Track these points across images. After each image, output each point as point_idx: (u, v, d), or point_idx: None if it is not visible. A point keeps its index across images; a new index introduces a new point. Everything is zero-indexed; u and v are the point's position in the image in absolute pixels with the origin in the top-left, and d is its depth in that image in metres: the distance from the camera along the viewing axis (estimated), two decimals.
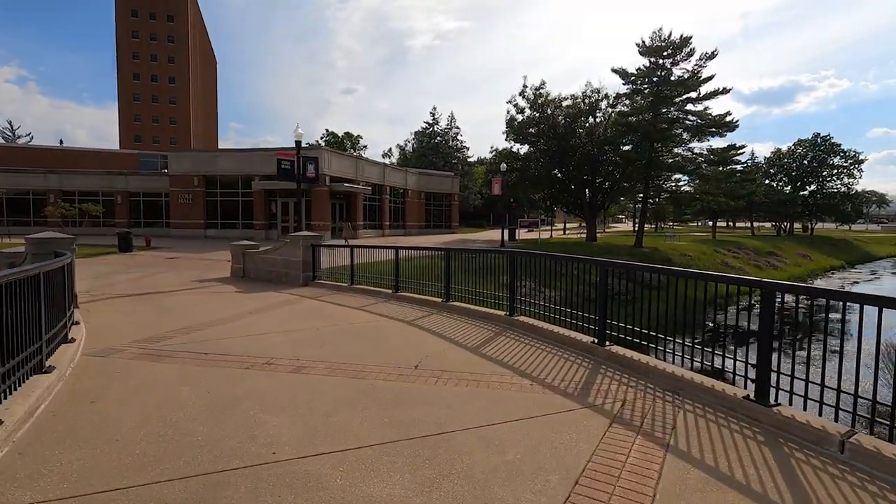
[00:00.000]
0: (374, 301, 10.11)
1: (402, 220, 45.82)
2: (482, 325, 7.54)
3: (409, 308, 9.16)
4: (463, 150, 72.54)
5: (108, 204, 38.45)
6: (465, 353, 5.96)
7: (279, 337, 6.82)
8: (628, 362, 5.31)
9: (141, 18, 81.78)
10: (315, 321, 7.97)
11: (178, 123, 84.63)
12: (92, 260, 20.43)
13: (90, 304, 9.91)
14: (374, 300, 10.23)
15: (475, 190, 70.54)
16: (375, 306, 9.47)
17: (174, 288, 12.56)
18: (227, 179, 35.27)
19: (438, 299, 9.30)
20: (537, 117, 36.84)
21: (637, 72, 33.36)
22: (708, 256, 35.59)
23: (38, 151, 49.53)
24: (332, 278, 12.84)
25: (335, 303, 10.01)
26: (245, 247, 15.37)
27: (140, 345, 6.30)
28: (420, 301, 9.63)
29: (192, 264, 18.97)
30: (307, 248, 13.30)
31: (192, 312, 8.89)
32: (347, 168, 36.18)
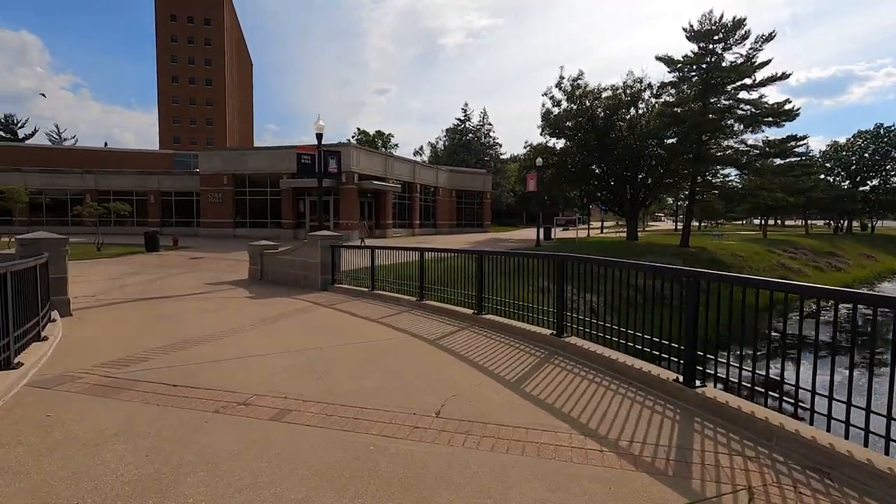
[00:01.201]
0: (396, 311, 8.80)
1: (433, 219, 44.59)
2: (523, 346, 6.09)
3: (435, 321, 7.80)
4: (495, 147, 70.74)
5: (141, 203, 38.79)
6: (504, 392, 4.54)
7: (274, 360, 5.57)
8: (736, 416, 3.75)
9: (179, 22, 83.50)
10: (322, 338, 6.70)
11: (214, 125, 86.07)
12: (117, 259, 20.00)
13: (87, 312, 9.02)
14: (395, 309, 8.92)
15: (508, 188, 68.72)
16: (396, 318, 8.15)
17: (184, 292, 11.64)
18: (256, 178, 34.87)
19: (469, 310, 7.89)
20: (575, 110, 34.89)
21: (684, 59, 30.98)
22: (762, 257, 32.83)
23: (80, 153, 50.80)
24: (353, 282, 11.63)
25: (351, 312, 8.75)
26: (263, 247, 14.38)
27: (104, 370, 5.16)
28: (447, 312, 8.25)
29: (214, 265, 18.23)
30: (326, 250, 12.14)
31: (188, 324, 7.79)
32: (377, 165, 35.18)
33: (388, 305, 9.42)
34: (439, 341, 6.45)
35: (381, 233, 35.54)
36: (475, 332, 6.90)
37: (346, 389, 4.59)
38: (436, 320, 7.85)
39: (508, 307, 7.27)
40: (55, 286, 8.50)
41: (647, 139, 33.29)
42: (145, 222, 37.77)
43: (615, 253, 25.39)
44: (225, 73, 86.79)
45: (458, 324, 7.52)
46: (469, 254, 8.37)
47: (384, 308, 9.12)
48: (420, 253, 9.37)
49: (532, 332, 6.43)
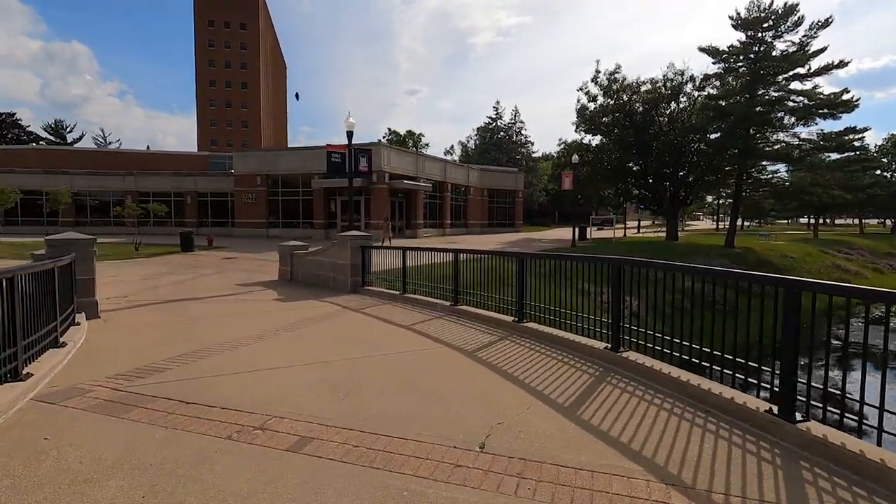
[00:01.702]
0: (429, 316, 8.23)
1: (464, 219, 43.98)
2: (572, 362, 5.40)
3: (472, 329, 7.19)
4: (527, 146, 69.61)
5: (178, 204, 39.68)
6: (557, 420, 3.88)
7: (297, 374, 5.07)
8: (859, 465, 2.99)
9: (216, 28, 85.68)
10: (350, 347, 6.18)
11: (249, 127, 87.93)
12: (153, 260, 20.21)
13: (115, 314, 8.83)
14: (428, 315, 8.36)
15: (540, 186, 67.49)
16: (429, 324, 7.58)
17: (213, 293, 11.42)
18: (288, 178, 35.07)
19: (508, 318, 7.24)
20: (611, 105, 33.64)
21: (730, 49, 29.35)
22: (815, 259, 30.82)
23: (122, 155, 52.58)
24: (384, 284, 11.15)
25: (381, 318, 8.23)
26: (293, 248, 14.09)
27: (118, 382, 4.78)
28: (485, 319, 7.62)
29: (245, 265, 18.16)
30: (356, 251, 11.70)
31: (212, 329, 7.44)
32: (407, 165, 34.84)
33: (421, 310, 8.86)
34: (478, 353, 5.83)
35: (412, 233, 35.17)
36: (517, 343, 6.25)
37: (374, 411, 4.03)
38: (472, 328, 7.24)
39: (553, 315, 6.58)
40: (82, 288, 8.33)
41: (689, 134, 31.75)
42: (182, 222, 38.59)
43: (656, 254, 24.18)
44: (260, 76, 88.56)
45: (497, 332, 6.89)
46: (507, 256, 7.72)
47: (416, 313, 8.58)
48: (454, 254, 8.78)
49: (582, 344, 5.73)
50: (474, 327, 7.28)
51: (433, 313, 8.53)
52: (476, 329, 7.15)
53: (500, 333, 6.82)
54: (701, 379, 4.33)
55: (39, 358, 5.15)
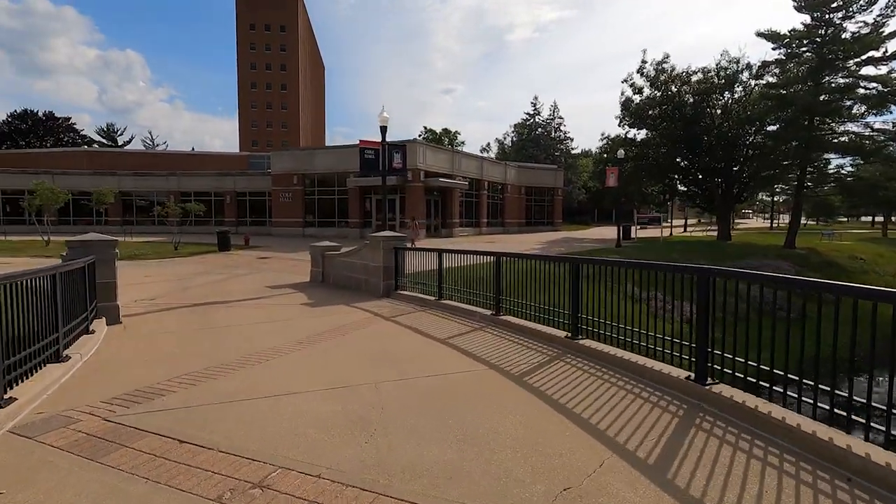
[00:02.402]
0: (467, 327, 7.37)
1: (501, 217, 42.87)
2: (648, 396, 4.40)
3: (517, 344, 6.27)
4: (566, 142, 67.62)
5: (219, 203, 40.37)
6: (644, 486, 2.93)
7: (314, 403, 4.30)
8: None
9: (257, 31, 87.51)
10: (379, 368, 5.38)
11: (289, 128, 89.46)
12: (190, 259, 20.23)
13: (138, 319, 8.41)
14: (466, 325, 7.50)
15: (579, 184, 65.45)
16: (468, 338, 6.71)
17: (241, 296, 10.94)
18: (324, 177, 34.98)
19: (561, 333, 6.28)
20: (659, 97, 31.79)
21: (792, 33, 27.05)
22: (888, 260, 28.10)
23: (167, 156, 54.22)
24: (418, 287, 10.36)
25: (414, 328, 7.42)
26: (324, 248, 13.53)
27: (112, 407, 4.15)
28: (532, 333, 6.69)
29: (279, 265, 17.83)
30: (389, 252, 10.97)
31: (231, 340, 6.83)
32: (443, 162, 34.08)
33: (458, 319, 8.01)
34: (527, 379, 4.92)
35: (448, 232, 34.40)
36: (573, 366, 5.29)
37: (404, 463, 3.20)
38: (518, 343, 6.32)
39: (615, 333, 5.59)
40: (102, 292, 7.91)
41: (745, 126, 29.56)
42: (222, 221, 39.21)
43: (710, 255, 22.47)
44: (299, 77, 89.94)
45: (547, 350, 5.94)
46: (558, 261, 6.75)
47: (453, 323, 7.73)
48: (496, 258, 7.86)
49: (656, 371, 4.72)
50: (520, 342, 6.36)
51: (472, 323, 7.66)
52: (522, 345, 6.23)
53: (552, 352, 5.88)
54: (816, 424, 3.27)
55: (33, 376, 4.60)
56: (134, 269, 16.78)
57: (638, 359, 5.07)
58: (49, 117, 66.79)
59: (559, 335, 6.21)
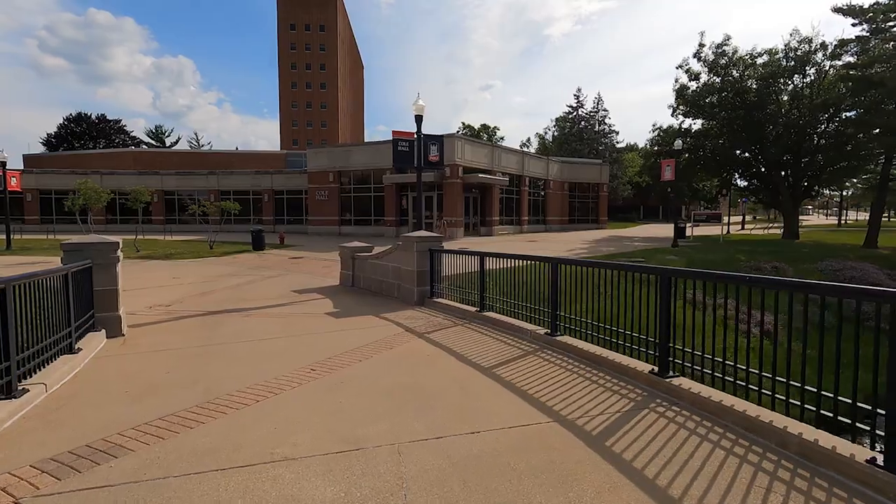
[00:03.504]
0: (517, 350, 5.99)
1: (543, 215, 41.01)
2: (801, 480, 2.91)
3: (588, 381, 4.83)
4: (611, 136, 64.62)
5: (257, 202, 40.41)
6: None
7: (309, 482, 3.04)
8: None
9: (297, 31, 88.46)
10: (404, 417, 4.08)
11: (328, 127, 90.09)
12: (222, 259, 19.69)
13: (143, 330, 7.53)
14: (515, 347, 6.12)
15: (624, 179, 62.50)
16: (521, 367, 5.33)
17: (263, 303, 9.96)
18: (360, 174, 34.22)
19: (645, 367, 4.80)
20: (718, 83, 29.20)
21: (876, 6, 24.03)
22: None
23: (210, 156, 55.19)
24: (457, 294, 9.05)
25: (453, 350, 6.10)
26: (354, 249, 12.43)
27: (40, 477, 3.04)
28: (604, 363, 5.24)
29: (310, 266, 16.96)
30: (423, 255, 9.71)
31: (238, 362, 5.75)
32: (482, 157, 32.62)
33: (505, 337, 6.65)
34: (612, 442, 3.50)
35: (487, 230, 32.95)
36: (675, 422, 3.82)
37: None
38: (588, 379, 4.89)
39: (719, 372, 4.07)
40: (102, 301, 7.01)
41: (819, 112, 26.62)
42: (260, 220, 39.21)
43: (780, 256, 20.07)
44: (338, 76, 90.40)
45: (629, 392, 4.49)
46: (638, 270, 5.25)
47: (499, 343, 6.37)
48: (552, 266, 6.42)
49: (815, 448, 3.19)
50: (591, 378, 4.93)
51: (522, 344, 6.27)
52: (592, 381, 4.80)
53: (635, 393, 4.42)
54: None
55: None
56: (165, 269, 16.30)
57: (776, 418, 3.55)
58: (101, 120, 69.61)
59: (642, 370, 4.73)
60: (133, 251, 21.77)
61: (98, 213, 38.96)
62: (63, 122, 68.25)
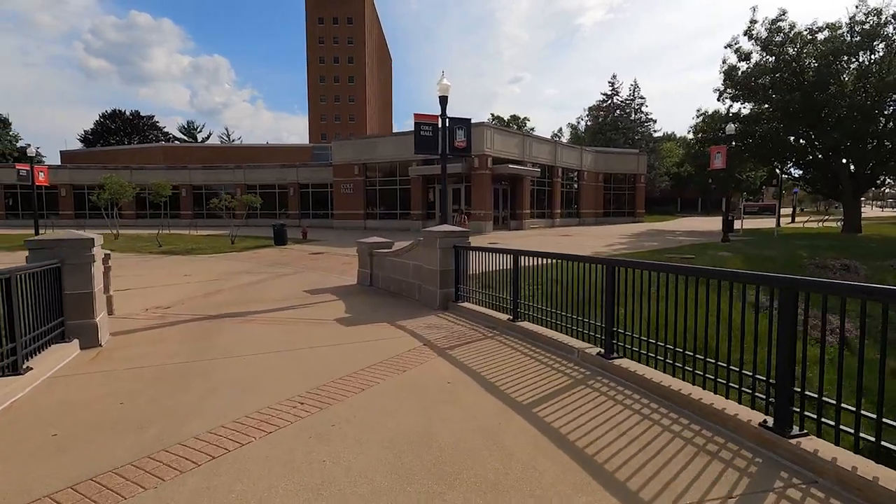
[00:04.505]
0: (564, 377, 4.68)
1: (576, 208, 39.15)
2: None
3: (670, 431, 3.49)
4: (648, 125, 61.66)
5: (282, 196, 39.98)
6: None
7: None
8: None
9: (325, 24, 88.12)
10: (415, 485, 2.86)
11: (356, 120, 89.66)
12: (241, 255, 18.97)
13: (129, 338, 6.65)
14: (561, 372, 4.81)
15: (661, 170, 59.60)
16: (572, 405, 4.03)
17: (271, 305, 8.94)
18: (386, 167, 33.21)
19: (752, 416, 3.42)
20: (772, 63, 26.72)
21: None
22: None
23: (237, 150, 55.33)
24: (485, 298, 7.78)
25: (480, 373, 4.84)
26: (372, 245, 11.31)
27: None
28: (684, 402, 3.87)
29: (328, 263, 15.98)
30: (447, 252, 8.47)
31: (217, 386, 4.66)
32: (512, 147, 31.07)
33: (546, 356, 5.35)
34: None
35: (518, 224, 31.46)
36: None
37: None
38: (664, 426, 3.55)
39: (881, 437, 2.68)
40: (75, 306, 6.07)
41: (888, 92, 23.95)
42: (286, 214, 38.78)
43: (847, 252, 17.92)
44: (366, 69, 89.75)
45: (735, 456, 3.13)
46: (747, 280, 3.84)
47: (538, 365, 5.07)
48: (607, 268, 5.05)
49: None
50: (670, 427, 3.58)
51: (569, 367, 4.96)
52: (677, 436, 3.46)
53: (744, 460, 3.06)
54: None
55: None
56: (181, 265, 15.63)
57: None
58: (135, 116, 71.02)
59: (747, 419, 3.35)
60: (155, 246, 21.35)
61: (128, 208, 39.29)
62: (99, 118, 70.02)
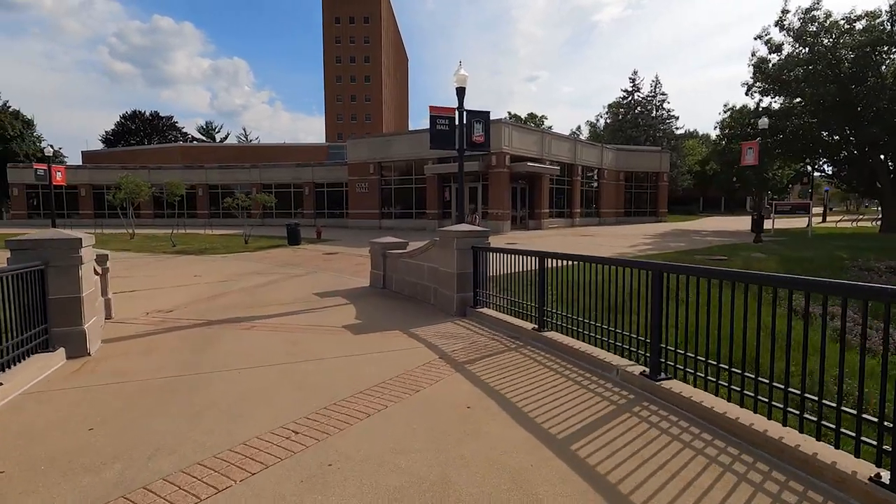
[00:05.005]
0: (607, 404, 3.98)
1: (596, 207, 38.13)
2: None
3: (750, 482, 2.79)
4: (670, 122, 60.06)
5: (298, 195, 39.75)
6: None
7: None
8: None
9: (342, 24, 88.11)
10: None
11: (372, 120, 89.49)
12: (254, 255, 18.59)
13: (124, 345, 6.25)
14: (602, 398, 4.11)
15: (683, 168, 58.05)
16: (619, 438, 3.34)
17: (277, 309, 8.41)
18: (401, 165, 32.67)
19: (853, 465, 2.70)
20: (806, 54, 25.46)
21: None
22: None
23: (254, 149, 55.43)
24: (506, 304, 7.11)
25: (505, 399, 4.17)
26: (385, 246, 10.71)
27: None
28: (759, 441, 3.16)
29: (341, 263, 15.46)
30: (465, 253, 7.82)
31: (202, 410, 4.09)
32: (531, 145, 30.26)
33: (579, 375, 4.66)
34: None
35: (536, 223, 30.64)
36: None
37: None
38: (739, 474, 2.85)
39: None
40: (60, 312, 5.58)
41: None
42: (301, 213, 38.53)
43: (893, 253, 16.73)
44: (382, 68, 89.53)
45: None
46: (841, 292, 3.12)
47: (572, 385, 4.39)
48: (655, 273, 4.34)
49: None
50: (747, 477, 2.87)
51: (608, 390, 4.26)
52: (758, 488, 2.75)
53: None
54: None
55: None
56: (192, 265, 15.27)
57: None
58: (154, 117, 71.89)
59: (851, 471, 2.63)
60: (169, 246, 21.13)
61: (146, 208, 39.50)
62: (120, 119, 71.04)
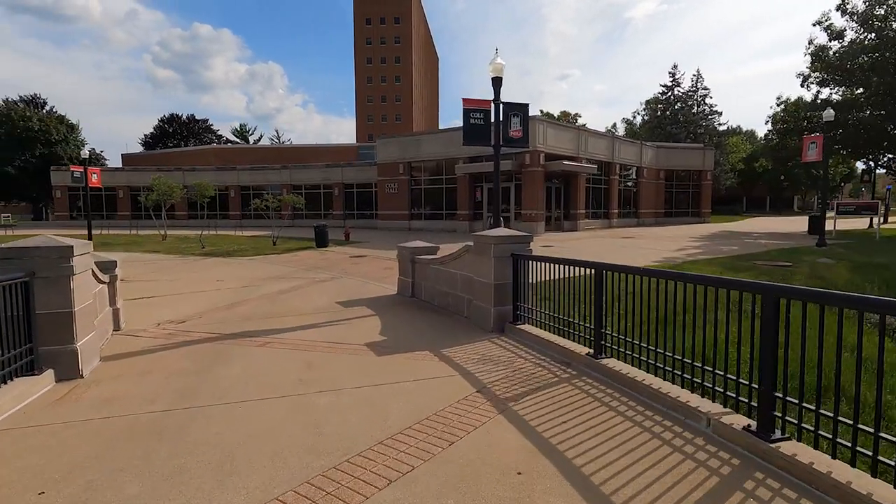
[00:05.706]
0: (700, 468, 2.96)
1: (634, 207, 36.40)
2: None
3: None
4: (712, 118, 57.24)
5: (328, 196, 39.52)
6: None
7: None
8: None
9: (373, 25, 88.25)
10: None
11: (402, 120, 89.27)
12: (281, 257, 18.12)
13: (126, 363, 5.68)
14: (694, 462, 3.09)
15: (727, 167, 55.23)
16: None
17: (296, 321, 7.69)
18: (431, 165, 31.88)
19: None
20: (872, 40, 23.32)
21: None
22: None
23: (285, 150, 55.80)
24: (549, 320, 6.13)
25: (565, 461, 3.21)
26: (414, 251, 9.86)
27: None
28: None
29: (368, 268, 14.74)
30: (503, 261, 6.86)
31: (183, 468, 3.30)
32: (567, 142, 28.96)
33: (653, 424, 3.65)
34: None
35: (572, 224, 29.32)
36: None
37: None
38: None
39: None
40: (48, 329, 4.95)
41: None
42: (331, 214, 38.28)
43: None
44: (412, 68, 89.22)
45: None
46: None
47: (646, 436, 3.39)
48: (770, 301, 3.29)
49: None
50: None
51: (700, 452, 3.24)
52: None
53: None
54: None
55: None
56: (217, 268, 14.87)
57: None
58: (191, 120, 73.64)
59: None
60: (198, 247, 20.96)
61: (180, 209, 40.05)
62: (158, 122, 73.07)
